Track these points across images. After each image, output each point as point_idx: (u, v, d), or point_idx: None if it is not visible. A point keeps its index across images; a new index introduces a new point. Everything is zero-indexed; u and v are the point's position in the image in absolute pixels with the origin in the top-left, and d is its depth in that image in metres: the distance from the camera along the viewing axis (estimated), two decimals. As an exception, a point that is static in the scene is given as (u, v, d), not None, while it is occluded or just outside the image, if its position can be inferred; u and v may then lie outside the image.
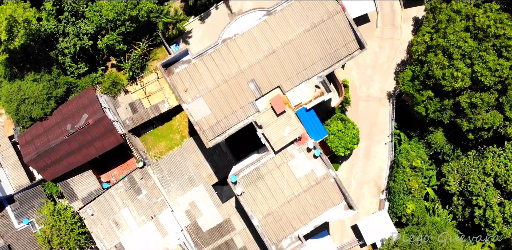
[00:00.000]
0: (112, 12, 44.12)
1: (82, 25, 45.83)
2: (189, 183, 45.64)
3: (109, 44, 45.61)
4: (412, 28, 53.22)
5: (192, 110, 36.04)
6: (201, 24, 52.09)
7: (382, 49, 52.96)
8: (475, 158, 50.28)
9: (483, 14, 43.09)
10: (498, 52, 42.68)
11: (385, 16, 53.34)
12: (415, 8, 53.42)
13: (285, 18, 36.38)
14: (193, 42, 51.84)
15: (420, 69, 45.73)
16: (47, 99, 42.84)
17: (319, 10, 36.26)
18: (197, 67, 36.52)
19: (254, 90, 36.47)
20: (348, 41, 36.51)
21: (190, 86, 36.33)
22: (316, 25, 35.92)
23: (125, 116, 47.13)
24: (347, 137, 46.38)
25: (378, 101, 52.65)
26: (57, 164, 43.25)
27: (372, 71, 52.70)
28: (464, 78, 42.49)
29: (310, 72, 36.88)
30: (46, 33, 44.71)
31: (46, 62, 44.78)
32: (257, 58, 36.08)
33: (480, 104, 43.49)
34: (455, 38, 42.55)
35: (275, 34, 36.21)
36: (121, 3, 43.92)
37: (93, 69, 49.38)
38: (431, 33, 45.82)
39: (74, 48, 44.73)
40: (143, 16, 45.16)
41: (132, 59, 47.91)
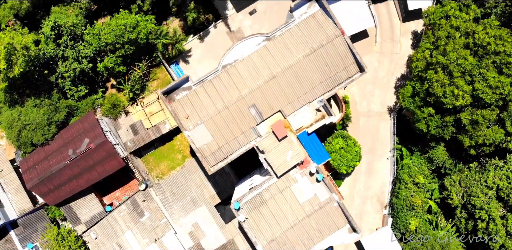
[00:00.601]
0: (111, 36, 44.12)
1: (81, 48, 45.80)
2: (191, 204, 45.64)
3: (109, 67, 45.58)
4: (412, 42, 53.15)
5: (193, 137, 36.01)
6: (200, 43, 52.09)
7: (381, 64, 52.89)
8: (477, 171, 50.22)
9: (482, 31, 43.01)
10: (498, 69, 42.62)
11: (384, 31, 53.27)
12: (414, 22, 53.34)
13: (284, 43, 36.33)
14: (193, 61, 51.86)
15: (420, 86, 45.65)
16: (48, 125, 42.82)
17: (318, 34, 36.21)
18: (197, 94, 36.49)
19: (255, 115, 36.43)
20: (348, 64, 36.46)
21: (191, 113, 36.30)
22: (316, 50, 35.89)
23: (126, 138, 47.11)
24: (349, 155, 46.36)
25: (379, 116, 52.59)
26: (60, 189, 43.25)
27: (372, 86, 52.64)
28: (465, 96, 42.42)
29: (311, 96, 36.84)
30: (45, 58, 44.66)
31: (46, 87, 44.77)
32: (258, 84, 36.06)
33: (481, 121, 43.44)
34: (455, 55, 42.47)
35: (275, 59, 36.17)
36: (120, 26, 43.90)
37: (93, 91, 49.35)
38: (431, 49, 45.76)
39: (73, 72, 44.70)
40: (142, 38, 45.12)
41: (132, 81, 47.89)
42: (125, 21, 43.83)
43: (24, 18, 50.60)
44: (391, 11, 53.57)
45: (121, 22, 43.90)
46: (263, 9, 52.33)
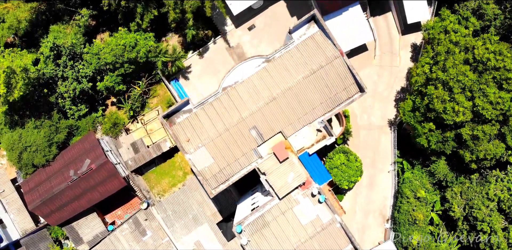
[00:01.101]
0: (110, 55, 44.12)
1: (81, 68, 45.82)
2: (193, 222, 45.65)
3: (109, 86, 45.57)
4: (411, 55, 53.09)
5: (194, 160, 36.01)
6: (199, 59, 52.06)
7: (381, 77, 52.85)
8: (478, 182, 50.23)
9: (482, 46, 42.99)
10: (498, 84, 42.60)
11: (383, 44, 53.21)
12: (413, 35, 53.26)
13: (284, 65, 36.31)
14: (192, 77, 51.83)
15: (420, 101, 45.62)
16: (48, 146, 42.83)
17: (317, 56, 36.19)
18: (198, 116, 36.49)
19: (256, 137, 36.44)
20: (348, 85, 36.46)
21: (192, 136, 36.31)
22: (315, 71, 35.90)
23: (127, 156, 47.11)
24: (350, 170, 46.37)
25: (379, 130, 52.57)
26: (62, 210, 43.28)
27: (372, 100, 52.59)
28: (465, 112, 42.39)
29: (311, 116, 36.84)
30: (45, 78, 44.67)
31: (46, 108, 44.79)
32: (258, 106, 36.05)
33: (482, 137, 43.45)
34: (455, 71, 42.45)
35: (274, 81, 36.16)
36: (119, 46, 43.88)
37: (93, 109, 49.38)
38: (430, 64, 45.74)
39: (73, 93, 44.68)
40: (141, 57, 45.12)
41: (132, 99, 47.92)
42: (124, 41, 43.81)
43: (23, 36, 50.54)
44: (390, 24, 53.52)
45: (121, 42, 43.87)
46: (262, 24, 52.29)
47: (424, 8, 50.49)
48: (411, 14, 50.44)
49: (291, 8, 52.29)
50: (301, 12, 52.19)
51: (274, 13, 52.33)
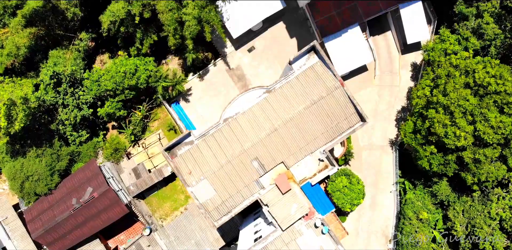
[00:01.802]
0: (110, 83, 44.13)
1: (81, 94, 45.82)
2: (196, 247, 45.63)
3: (110, 112, 45.57)
4: (411, 74, 53.09)
5: (196, 193, 36.02)
6: (200, 81, 52.08)
7: (381, 97, 52.83)
8: (480, 200, 50.22)
9: (483, 69, 42.97)
10: (499, 108, 42.59)
11: (383, 63, 53.21)
12: (413, 54, 53.27)
13: (284, 96, 36.32)
14: (193, 99, 51.83)
15: (421, 124, 45.61)
16: (50, 175, 42.86)
17: (318, 86, 36.19)
18: (200, 148, 36.48)
19: (258, 168, 36.44)
20: (349, 114, 36.45)
21: (194, 168, 36.30)
22: (316, 102, 35.88)
23: (129, 182, 47.13)
24: (352, 193, 46.34)
25: (381, 150, 52.56)
26: (65, 238, 43.32)
27: (373, 120, 52.54)
28: (466, 137, 42.37)
29: (313, 146, 36.83)
30: (45, 106, 44.67)
31: (47, 136, 44.82)
32: (260, 137, 36.05)
33: (483, 160, 43.47)
34: (455, 96, 42.43)
35: (275, 112, 36.16)
36: (119, 73, 43.88)
37: (94, 133, 49.39)
38: (431, 86, 45.74)
39: (74, 120, 44.68)
40: (142, 83, 45.12)
41: (133, 124, 47.92)
42: (124, 68, 43.82)
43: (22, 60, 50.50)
44: (390, 43, 53.51)
45: (121, 69, 43.89)
46: (261, 46, 52.30)
47: (423, 28, 50.47)
48: (410, 35, 50.45)
49: (290, 29, 52.32)
50: (300, 34, 52.26)
51: (274, 35, 52.34)
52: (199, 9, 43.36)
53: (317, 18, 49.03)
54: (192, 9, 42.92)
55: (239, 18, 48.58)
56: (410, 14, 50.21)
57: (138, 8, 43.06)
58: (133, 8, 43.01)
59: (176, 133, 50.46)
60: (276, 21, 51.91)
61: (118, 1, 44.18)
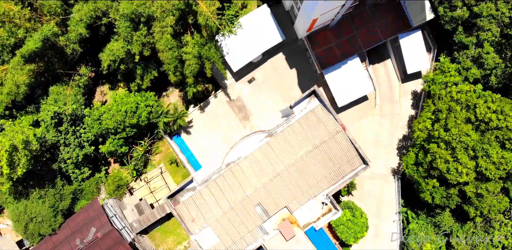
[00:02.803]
0: (111, 122, 44.15)
1: (82, 132, 45.83)
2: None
3: (111, 150, 45.58)
4: (412, 102, 53.06)
5: (200, 241, 36.09)
6: (201, 113, 52.06)
7: (382, 126, 52.80)
8: (482, 227, 50.31)
9: (484, 104, 42.93)
10: (501, 143, 42.59)
11: (383, 92, 53.18)
12: (413, 82, 53.25)
13: (286, 140, 36.34)
14: (194, 131, 51.79)
15: (423, 157, 45.62)
16: (54, 216, 42.90)
17: (319, 130, 36.20)
18: (202, 194, 36.52)
19: (261, 214, 36.45)
20: (351, 157, 36.49)
21: (197, 215, 36.33)
22: (318, 146, 35.86)
23: (132, 218, 47.12)
24: (356, 226, 46.36)
25: (383, 179, 52.53)
26: (69, 279, 43.28)
27: (374, 149, 52.49)
28: (468, 173, 42.40)
29: (316, 190, 36.85)
30: (47, 145, 44.67)
31: (50, 176, 44.81)
32: (262, 182, 36.06)
33: (486, 194, 43.51)
34: (457, 132, 42.41)
35: (278, 156, 36.18)
36: (120, 112, 43.87)
37: (96, 169, 49.38)
38: (432, 119, 45.73)
39: (76, 159, 44.70)
40: (143, 121, 45.12)
41: (134, 159, 47.91)
42: (125, 107, 43.82)
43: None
44: (390, 71, 53.50)
45: (122, 108, 43.89)
46: (261, 77, 52.29)
47: (423, 58, 50.52)
48: (410, 64, 50.49)
49: (289, 60, 52.31)
50: (300, 64, 52.24)
51: (273, 66, 52.34)
52: (199, 47, 43.34)
53: (316, 49, 49.06)
54: (192, 48, 42.90)
55: (239, 51, 48.61)
56: (409, 43, 50.27)
57: (138, 47, 43.06)
58: (133, 48, 43.01)
59: (178, 166, 50.48)
60: (275, 52, 51.91)
61: (117, 40, 44.20)
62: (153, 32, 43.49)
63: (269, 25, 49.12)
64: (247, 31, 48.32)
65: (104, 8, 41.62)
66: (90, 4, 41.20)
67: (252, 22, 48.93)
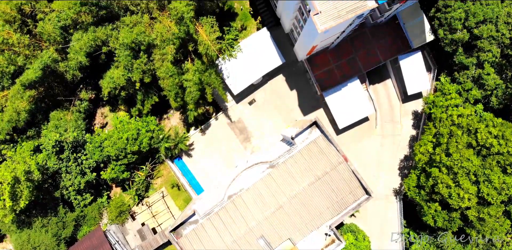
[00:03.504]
0: (113, 149, 44.09)
1: (84, 159, 45.77)
2: None
3: (113, 177, 45.55)
4: (413, 122, 53.03)
5: (204, 274, 36.13)
6: (202, 135, 52.00)
7: (383, 146, 52.80)
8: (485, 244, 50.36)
9: (485, 129, 42.88)
10: (502, 168, 42.58)
11: (384, 113, 53.15)
12: (414, 102, 53.22)
13: (288, 171, 36.31)
14: (195, 154, 51.78)
15: (425, 180, 45.62)
16: (57, 244, 42.90)
17: (321, 161, 36.19)
18: (205, 227, 36.49)
19: (264, 246, 36.45)
20: (354, 188, 36.48)
21: (200, 249, 36.30)
22: (320, 178, 35.85)
23: (134, 244, 47.12)
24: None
25: (385, 199, 52.54)
26: None
27: (376, 170, 52.54)
28: (470, 198, 42.42)
29: (319, 221, 36.85)
30: (48, 173, 44.63)
31: (52, 204, 44.75)
32: (265, 215, 36.05)
33: (488, 219, 43.53)
34: (458, 157, 42.39)
35: (280, 188, 36.18)
36: (121, 139, 43.80)
37: (98, 193, 49.32)
38: (433, 142, 45.72)
39: (78, 186, 44.67)
40: (144, 147, 45.06)
41: (136, 184, 47.87)
42: (126, 135, 43.75)
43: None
44: (390, 91, 53.46)
45: (123, 136, 43.81)
46: (262, 98, 52.24)
47: (424, 79, 50.48)
48: (411, 86, 50.45)
49: (289, 81, 52.28)
50: (300, 85, 52.19)
51: (274, 87, 52.30)
52: (200, 73, 43.28)
53: (316, 71, 49.02)
54: (192, 75, 42.84)
55: (239, 75, 48.58)
56: (409, 65, 50.24)
57: (138, 75, 42.96)
58: (133, 76, 42.90)
59: (179, 189, 50.46)
60: (276, 74, 51.86)
61: (117, 67, 44.09)
62: (153, 59, 43.42)
63: (269, 48, 49.06)
64: (247, 54, 48.29)
65: (104, 37, 41.49)
66: (89, 33, 41.07)
67: (252, 46, 48.87)
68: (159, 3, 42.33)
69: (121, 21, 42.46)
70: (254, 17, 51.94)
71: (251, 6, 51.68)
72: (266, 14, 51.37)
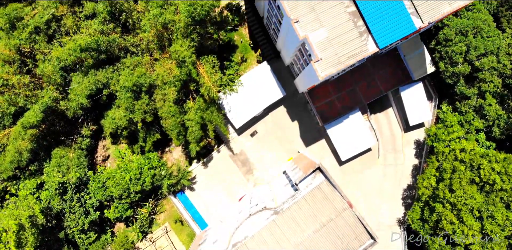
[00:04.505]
0: (116, 190, 44.06)
1: (87, 198, 45.76)
2: None
3: (116, 216, 45.54)
4: (415, 151, 53.00)
5: None
6: (204, 168, 51.94)
7: (386, 176, 52.79)
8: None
9: (488, 164, 42.85)
10: (506, 204, 42.58)
11: (386, 142, 53.11)
12: (416, 131, 53.18)
13: (293, 218, 36.27)
14: (198, 187, 51.75)
15: (429, 214, 45.61)
16: (62, 286, 42.91)
17: (326, 207, 36.15)
18: (210, 275, 36.51)
19: (270, 293, 36.42)
20: (359, 233, 36.44)
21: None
22: (325, 225, 35.82)
23: (139, 281, 47.14)
24: (363, 284, 46.42)
25: (389, 229, 52.52)
26: None
27: (379, 200, 52.56)
28: (475, 234, 42.42)
29: (324, 266, 36.78)
30: (52, 214, 44.60)
31: (57, 246, 44.71)
32: (270, 263, 36.00)
33: (492, 253, 43.56)
34: (462, 194, 42.38)
35: (285, 235, 36.12)
36: (124, 180, 43.78)
37: (102, 230, 49.30)
38: (436, 176, 45.72)
39: (82, 226, 44.66)
40: (147, 186, 45.04)
41: (139, 221, 47.84)
42: (129, 175, 43.73)
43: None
44: (391, 120, 53.40)
45: (126, 177, 43.79)
46: (263, 130, 52.17)
47: (425, 110, 50.41)
48: (412, 117, 50.39)
49: (291, 112, 52.23)
50: (301, 116, 52.16)
51: (275, 119, 52.23)
52: (202, 112, 43.20)
53: (316, 103, 48.98)
54: (194, 114, 42.76)
55: (240, 109, 48.53)
56: (411, 96, 50.15)
57: (140, 115, 42.89)
58: (135, 116, 42.82)
59: (182, 224, 50.44)
60: (276, 105, 51.79)
61: (119, 107, 44.00)
62: (155, 99, 43.35)
63: (270, 82, 49.01)
64: (248, 88, 48.24)
65: (105, 80, 41.42)
66: (90, 77, 40.98)
67: (253, 79, 48.83)
68: (159, 43, 42.23)
69: (122, 62, 42.39)
70: (254, 50, 51.86)
71: (251, 39, 51.58)
72: (266, 46, 51.30)
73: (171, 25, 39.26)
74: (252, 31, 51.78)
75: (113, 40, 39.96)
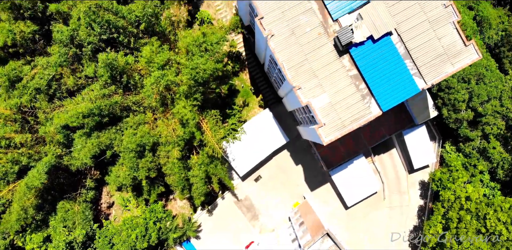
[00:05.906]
0: (123, 247, 43.97)
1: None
2: None
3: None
4: (420, 192, 52.91)
5: None
6: (209, 216, 51.81)
7: (392, 218, 52.64)
8: None
9: (494, 214, 42.78)
10: (513, 254, 42.54)
11: (390, 184, 52.99)
12: (420, 172, 53.06)
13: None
14: (204, 235, 51.63)
15: (436, 262, 45.60)
16: None
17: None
18: None
19: None
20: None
21: None
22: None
23: None
24: None
25: (397, 272, 52.47)
26: None
27: (385, 241, 52.40)
28: (483, 286, 42.37)
29: None
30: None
31: None
32: None
33: None
34: (468, 245, 42.31)
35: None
36: (130, 238, 43.73)
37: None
38: (442, 223, 45.61)
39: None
40: (153, 241, 44.95)
41: (147, 273, 47.73)
42: (135, 233, 43.66)
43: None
44: (396, 161, 53.27)
45: (133, 235, 43.72)
46: (267, 175, 52.04)
47: (429, 153, 50.26)
48: (416, 160, 50.28)
49: (294, 157, 52.08)
50: (305, 160, 52.01)
51: (279, 163, 52.09)
52: (206, 166, 43.08)
53: (320, 149, 48.84)
54: (198, 170, 42.64)
55: (244, 157, 48.42)
56: (414, 139, 49.99)
57: (144, 173, 42.71)
58: (139, 174, 42.67)
59: (190, 273, 50.29)
60: (280, 150, 51.62)
61: (122, 164, 43.89)
62: (159, 155, 43.20)
63: (272, 129, 48.92)
64: (251, 135, 48.14)
65: (108, 142, 41.28)
66: (93, 139, 40.85)
67: (256, 127, 48.74)
68: (162, 101, 42.05)
69: (124, 122, 42.22)
70: (255, 94, 51.73)
71: (252, 84, 51.46)
72: (267, 91, 51.22)
73: (174, 86, 39.12)
74: (253, 76, 51.71)
75: (115, 102, 39.82)
